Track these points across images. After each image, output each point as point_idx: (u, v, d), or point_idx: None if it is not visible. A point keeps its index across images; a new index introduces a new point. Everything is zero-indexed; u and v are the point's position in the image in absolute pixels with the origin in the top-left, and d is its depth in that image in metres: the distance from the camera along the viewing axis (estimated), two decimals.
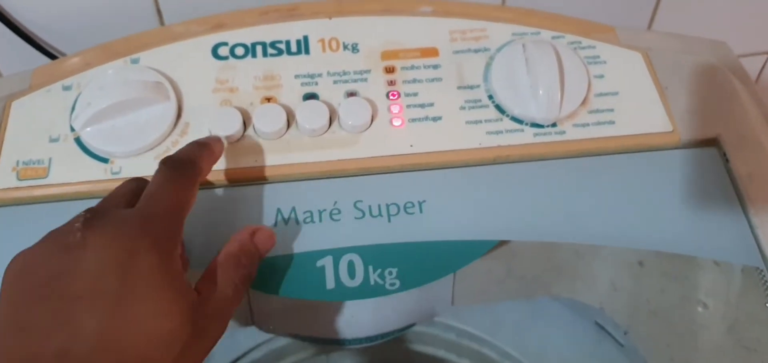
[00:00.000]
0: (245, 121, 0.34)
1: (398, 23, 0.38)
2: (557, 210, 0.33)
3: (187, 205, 0.27)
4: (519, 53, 0.36)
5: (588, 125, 0.35)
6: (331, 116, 0.34)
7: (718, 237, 0.32)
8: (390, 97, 0.35)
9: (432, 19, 0.38)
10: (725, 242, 0.32)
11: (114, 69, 0.36)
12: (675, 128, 0.35)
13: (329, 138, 0.34)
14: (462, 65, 0.37)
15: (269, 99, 0.35)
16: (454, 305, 0.40)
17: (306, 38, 0.37)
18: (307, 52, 0.37)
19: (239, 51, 0.37)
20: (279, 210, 0.32)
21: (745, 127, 0.35)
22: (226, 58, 0.36)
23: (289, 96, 0.35)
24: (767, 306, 0.33)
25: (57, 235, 0.24)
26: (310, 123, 0.34)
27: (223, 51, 0.37)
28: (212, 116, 0.34)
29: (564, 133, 0.35)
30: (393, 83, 0.36)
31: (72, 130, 0.34)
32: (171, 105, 0.34)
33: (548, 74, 0.34)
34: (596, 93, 0.36)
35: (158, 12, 0.44)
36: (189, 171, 0.28)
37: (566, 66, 0.36)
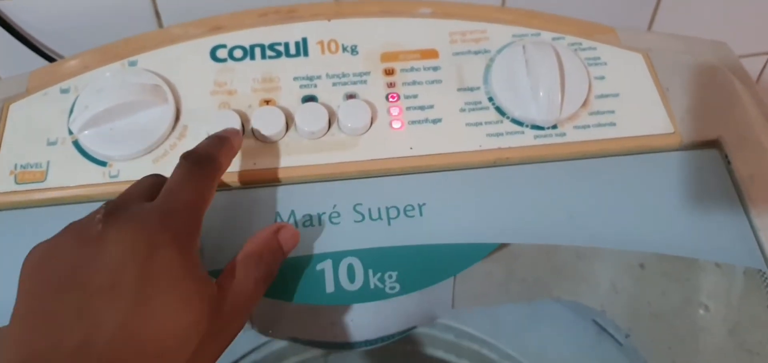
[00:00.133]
0: (244, 124, 0.34)
1: (398, 25, 0.38)
2: (558, 212, 0.32)
3: (207, 201, 0.27)
4: (519, 55, 0.36)
5: (589, 127, 0.35)
6: (331, 119, 0.34)
7: (720, 239, 0.32)
8: (389, 100, 0.35)
9: (431, 21, 0.38)
10: (727, 244, 0.32)
11: (112, 71, 0.35)
12: (676, 130, 0.35)
13: (328, 140, 0.34)
14: (462, 67, 0.37)
15: (268, 101, 0.35)
16: (455, 308, 0.40)
17: (305, 40, 0.37)
18: (306, 54, 0.37)
19: (238, 53, 0.36)
20: (278, 213, 0.32)
21: (747, 129, 0.35)
22: (225, 61, 0.36)
23: (288, 98, 0.35)
24: None
25: (77, 228, 0.24)
26: (309, 125, 0.33)
27: (222, 53, 0.36)
28: (211, 119, 0.33)
29: (565, 135, 0.35)
30: (392, 85, 0.36)
31: (70, 134, 0.34)
32: (169, 108, 0.34)
33: (549, 76, 0.34)
34: (597, 94, 0.36)
35: (156, 14, 0.44)
36: (209, 167, 0.28)
37: (567, 67, 0.35)
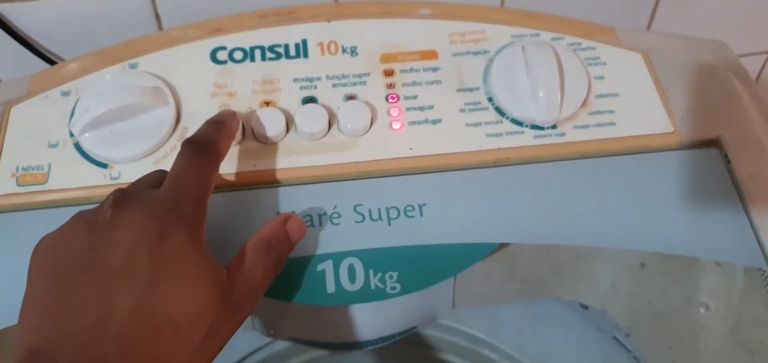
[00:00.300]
0: (244, 126, 0.34)
1: (397, 26, 0.38)
2: (558, 212, 0.32)
3: (211, 185, 0.28)
4: (518, 55, 0.36)
5: (588, 127, 0.35)
6: (331, 120, 0.34)
7: (720, 238, 0.32)
8: (389, 100, 0.35)
9: (431, 22, 0.38)
10: (727, 243, 0.32)
11: (112, 74, 0.36)
12: (676, 129, 0.35)
13: (328, 141, 0.34)
14: (461, 68, 0.37)
15: (268, 103, 0.35)
16: (455, 308, 0.40)
17: (305, 42, 0.37)
18: (306, 56, 0.37)
19: (238, 55, 0.37)
20: (278, 214, 0.32)
21: (747, 128, 0.35)
22: (225, 63, 0.36)
23: (288, 100, 0.35)
24: None
25: (86, 216, 0.25)
26: (309, 127, 0.33)
27: (222, 55, 0.37)
28: None
29: (564, 135, 0.35)
30: (392, 86, 0.36)
31: (71, 136, 0.34)
32: (170, 110, 0.34)
33: (548, 76, 0.34)
34: (596, 94, 0.36)
35: (157, 17, 0.44)
36: (211, 152, 0.28)
37: (566, 67, 0.35)
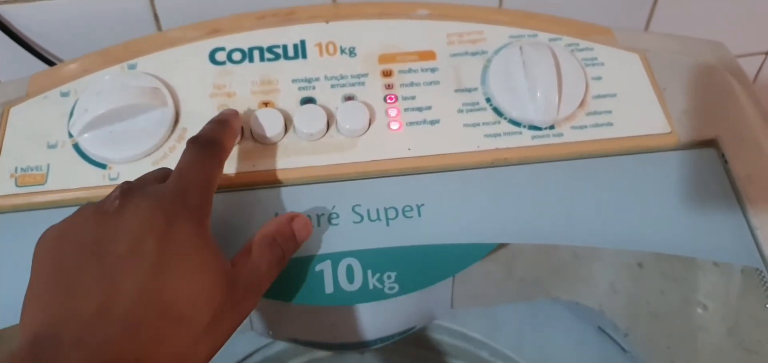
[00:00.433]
0: (243, 126, 0.34)
1: (395, 27, 0.38)
2: (556, 212, 0.33)
3: (216, 181, 0.28)
4: (516, 56, 0.36)
5: (586, 127, 0.35)
6: (329, 120, 0.34)
7: (718, 238, 0.32)
8: (387, 101, 0.35)
9: (429, 23, 0.38)
10: (724, 243, 0.32)
11: (111, 75, 0.36)
12: (673, 129, 0.35)
13: (327, 142, 0.34)
14: (459, 68, 0.37)
15: (266, 104, 0.35)
16: (454, 308, 0.40)
17: (303, 42, 0.37)
18: (305, 57, 0.37)
19: (236, 56, 0.37)
20: (277, 215, 0.32)
21: (744, 128, 0.35)
22: (224, 63, 0.36)
23: (287, 100, 0.35)
24: (767, 307, 0.33)
25: (93, 207, 0.25)
26: (308, 127, 0.33)
27: (221, 56, 0.37)
28: None
29: (562, 136, 0.35)
30: (390, 87, 0.36)
31: (70, 136, 0.34)
32: (168, 110, 0.34)
33: (546, 76, 0.34)
34: (594, 95, 0.36)
35: (155, 18, 0.44)
36: (215, 148, 0.29)
37: (564, 68, 0.36)
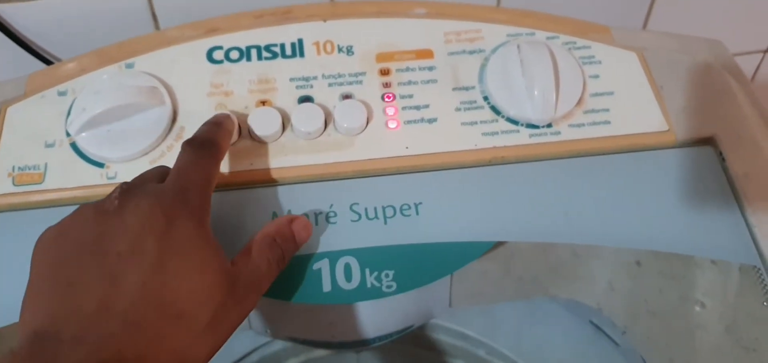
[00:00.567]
0: (240, 125, 0.34)
1: (393, 25, 0.38)
2: (554, 210, 0.32)
3: (213, 180, 0.28)
4: (514, 54, 0.36)
5: (583, 125, 0.35)
6: (327, 119, 0.34)
7: (716, 236, 0.32)
8: (385, 99, 0.35)
9: (426, 21, 0.38)
10: (722, 241, 0.32)
11: (109, 74, 0.36)
12: (671, 127, 0.35)
13: (324, 141, 0.34)
14: (457, 67, 0.37)
15: (264, 102, 0.35)
16: (452, 307, 0.40)
17: (300, 41, 0.37)
18: (302, 55, 0.37)
19: (234, 55, 0.37)
20: (275, 213, 0.32)
21: (742, 126, 0.35)
22: (221, 62, 0.36)
23: (284, 99, 0.35)
24: (765, 305, 0.33)
25: (93, 206, 0.25)
26: (306, 126, 0.33)
27: (218, 55, 0.37)
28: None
29: (559, 134, 0.35)
30: (388, 85, 0.36)
31: (67, 136, 0.34)
32: (166, 109, 0.34)
33: (543, 75, 0.34)
34: (591, 93, 0.36)
35: (153, 17, 0.44)
36: (212, 149, 0.29)
37: (561, 66, 0.36)
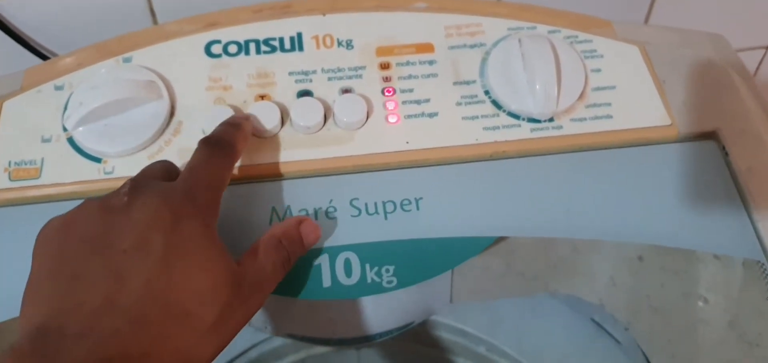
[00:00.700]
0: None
1: (393, 19, 0.38)
2: (555, 205, 0.32)
3: (225, 182, 0.28)
4: (515, 48, 0.36)
5: (585, 120, 0.35)
6: (326, 113, 0.34)
7: (718, 231, 0.32)
8: (385, 94, 0.35)
9: (427, 15, 0.38)
10: (725, 236, 0.32)
11: (106, 68, 0.35)
12: (673, 122, 0.35)
13: (324, 135, 0.34)
14: (458, 61, 0.36)
15: (263, 97, 0.35)
16: (453, 303, 0.40)
17: (300, 35, 0.37)
18: (301, 49, 0.36)
19: (232, 49, 0.36)
20: (274, 209, 0.32)
21: (745, 121, 0.35)
22: (220, 56, 0.36)
23: (283, 93, 0.35)
24: None
25: (100, 200, 0.25)
26: (305, 120, 0.33)
27: (217, 49, 0.36)
28: (206, 115, 0.33)
29: (561, 128, 0.34)
30: (388, 79, 0.36)
31: (64, 130, 0.33)
32: (164, 104, 0.34)
33: (545, 69, 0.34)
34: (593, 87, 0.36)
35: (151, 11, 0.44)
36: (227, 150, 0.29)
37: (563, 60, 0.35)
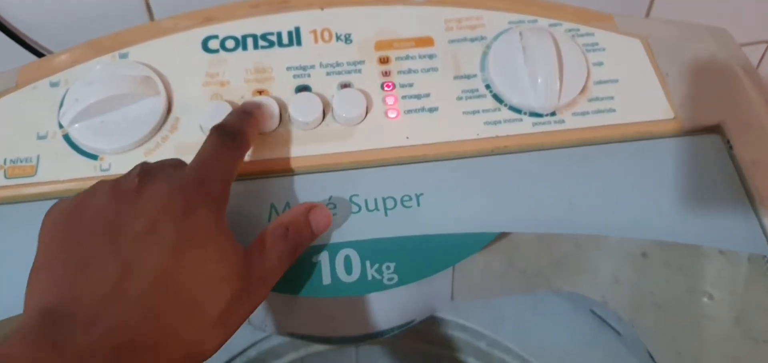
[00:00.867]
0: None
1: (392, 13, 0.37)
2: (557, 201, 0.32)
3: (235, 171, 0.28)
4: (516, 41, 0.35)
5: (588, 114, 0.34)
6: (325, 109, 0.34)
7: (723, 225, 0.31)
8: (385, 89, 0.35)
9: (426, 8, 0.38)
10: (730, 231, 0.31)
11: (102, 64, 0.35)
12: (677, 115, 0.34)
13: (323, 131, 0.33)
14: (458, 55, 0.36)
15: (261, 92, 0.34)
16: (454, 300, 0.39)
17: (297, 30, 0.36)
18: (299, 44, 0.36)
19: (230, 44, 0.36)
20: (273, 205, 0.31)
21: (749, 114, 0.34)
22: (217, 52, 0.36)
23: (281, 89, 0.35)
24: None
25: (110, 184, 0.25)
26: (303, 116, 0.33)
27: (214, 44, 0.36)
28: (203, 110, 0.33)
29: (563, 122, 0.34)
30: (387, 74, 0.35)
31: (60, 127, 0.33)
32: (160, 100, 0.33)
33: (546, 62, 0.34)
34: (595, 81, 0.35)
35: (148, 7, 0.43)
36: (238, 140, 0.29)
37: (565, 54, 0.35)
